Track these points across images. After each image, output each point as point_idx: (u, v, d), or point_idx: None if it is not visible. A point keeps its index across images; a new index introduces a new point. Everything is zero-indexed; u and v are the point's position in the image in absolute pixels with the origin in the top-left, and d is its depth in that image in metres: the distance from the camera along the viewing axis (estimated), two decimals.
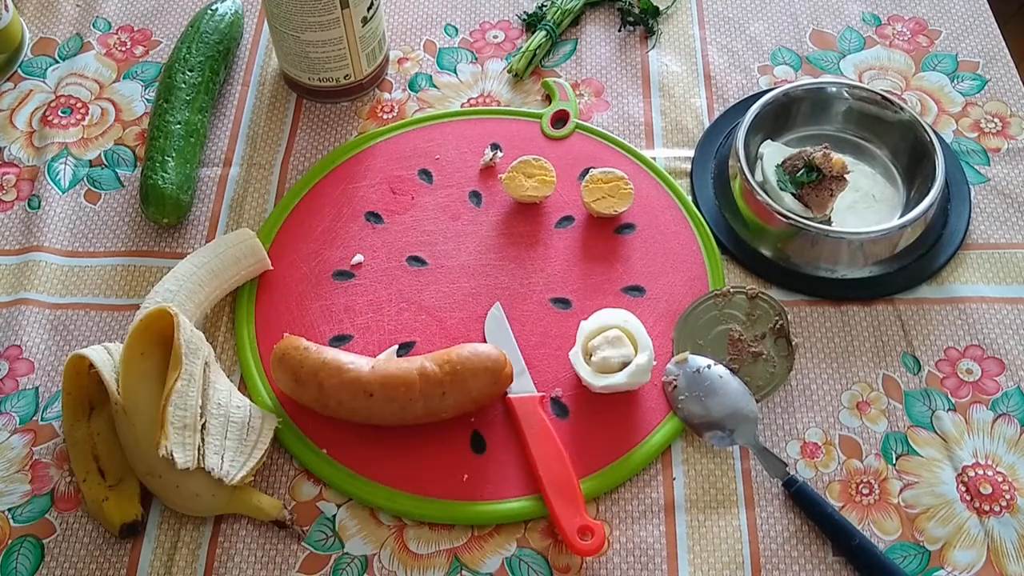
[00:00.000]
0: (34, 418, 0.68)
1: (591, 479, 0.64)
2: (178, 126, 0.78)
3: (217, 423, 0.62)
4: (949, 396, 0.68)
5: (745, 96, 0.83)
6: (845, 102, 0.79)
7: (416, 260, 0.75)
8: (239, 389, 0.68)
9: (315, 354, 0.64)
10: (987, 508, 0.63)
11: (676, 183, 0.78)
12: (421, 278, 0.74)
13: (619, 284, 0.73)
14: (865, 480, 0.65)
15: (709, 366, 0.68)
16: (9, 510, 0.64)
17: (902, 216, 0.74)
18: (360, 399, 0.63)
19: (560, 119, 0.82)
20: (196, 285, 0.68)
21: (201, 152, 0.80)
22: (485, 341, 0.70)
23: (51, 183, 0.80)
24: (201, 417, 0.61)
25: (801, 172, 0.73)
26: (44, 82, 0.86)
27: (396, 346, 0.70)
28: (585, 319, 0.67)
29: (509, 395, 0.67)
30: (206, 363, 0.63)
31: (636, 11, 0.89)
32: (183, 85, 0.80)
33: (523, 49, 0.85)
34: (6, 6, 0.85)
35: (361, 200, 0.78)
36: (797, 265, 0.73)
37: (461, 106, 0.84)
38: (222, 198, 0.79)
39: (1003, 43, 0.86)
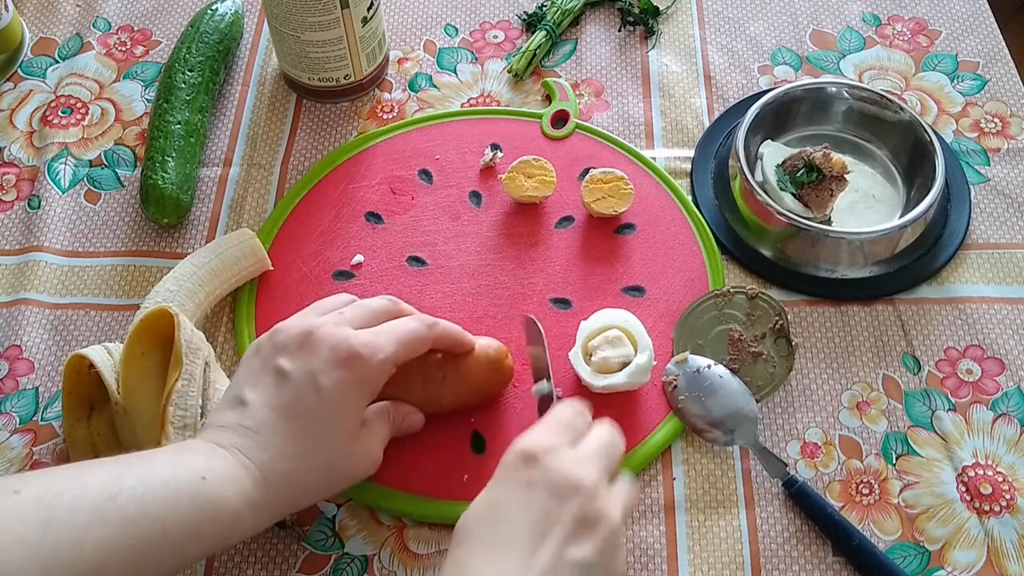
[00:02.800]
0: (34, 418, 0.68)
1: None
2: (178, 126, 0.78)
3: None
4: (949, 396, 0.68)
5: (745, 96, 0.83)
6: (845, 102, 0.79)
7: (416, 260, 0.75)
8: None
9: None
10: (987, 508, 0.63)
11: (676, 183, 0.78)
12: (421, 278, 0.74)
13: (619, 284, 0.73)
14: (865, 480, 0.65)
15: (709, 366, 0.68)
16: None
17: (902, 216, 0.74)
18: None
19: (560, 119, 0.82)
20: (196, 285, 0.68)
21: (201, 152, 0.80)
22: (495, 341, 0.68)
23: (51, 183, 0.80)
24: (201, 417, 0.61)
25: (801, 172, 0.73)
26: (44, 82, 0.86)
27: None
28: (585, 319, 0.67)
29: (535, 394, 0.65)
30: (206, 363, 0.63)
31: (636, 11, 0.89)
32: (183, 85, 0.80)
33: (523, 49, 0.85)
34: (6, 6, 0.85)
35: (361, 200, 0.78)
36: (797, 265, 0.73)
37: (461, 106, 0.84)
38: (222, 198, 0.79)
39: (1003, 43, 0.87)
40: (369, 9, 0.79)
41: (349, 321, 0.57)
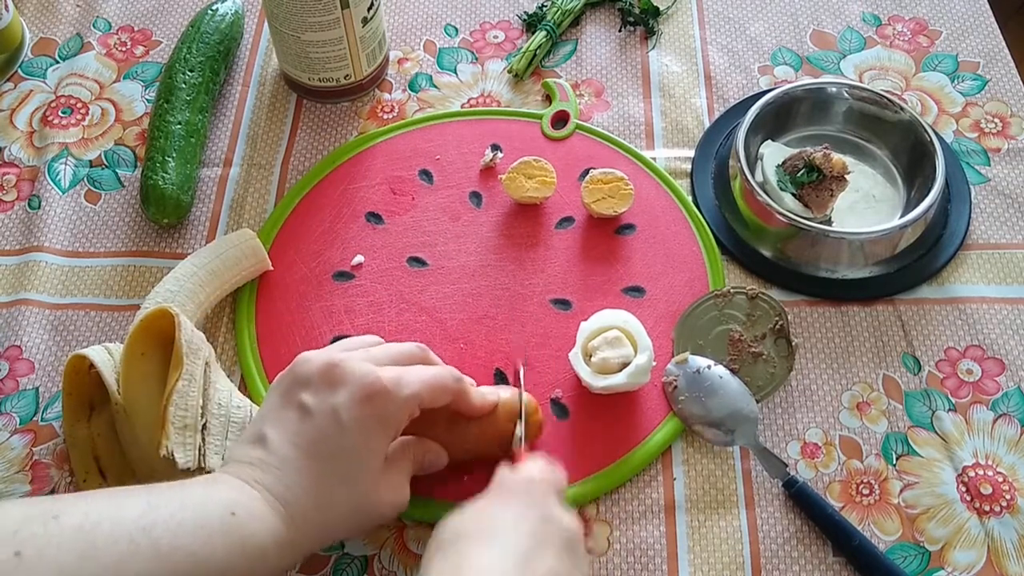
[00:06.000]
0: (34, 418, 0.68)
1: (591, 479, 0.64)
2: (178, 126, 0.78)
3: (218, 423, 0.62)
4: (949, 396, 0.68)
5: (745, 96, 0.83)
6: (845, 102, 0.79)
7: (416, 261, 0.75)
8: (239, 389, 0.68)
9: None
10: (987, 508, 0.63)
11: (676, 183, 0.78)
12: (421, 279, 0.74)
13: (619, 285, 0.73)
14: (865, 480, 0.65)
15: (709, 366, 0.68)
16: None
17: (902, 216, 0.74)
18: None
19: (560, 119, 0.82)
20: (196, 285, 0.68)
21: (201, 152, 0.80)
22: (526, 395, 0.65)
23: (51, 183, 0.80)
24: (202, 417, 0.61)
25: (801, 172, 0.73)
26: (44, 82, 0.86)
27: None
28: (585, 320, 0.67)
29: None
30: (207, 363, 0.63)
31: (636, 11, 0.89)
32: (183, 85, 0.80)
33: (523, 49, 0.85)
34: (6, 6, 0.85)
35: (361, 200, 0.78)
36: (797, 265, 0.73)
37: (461, 106, 0.84)
38: (222, 198, 0.79)
39: (1003, 43, 0.86)
40: (369, 9, 0.79)
41: (375, 359, 0.56)
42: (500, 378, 0.69)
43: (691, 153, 0.80)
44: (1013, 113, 0.82)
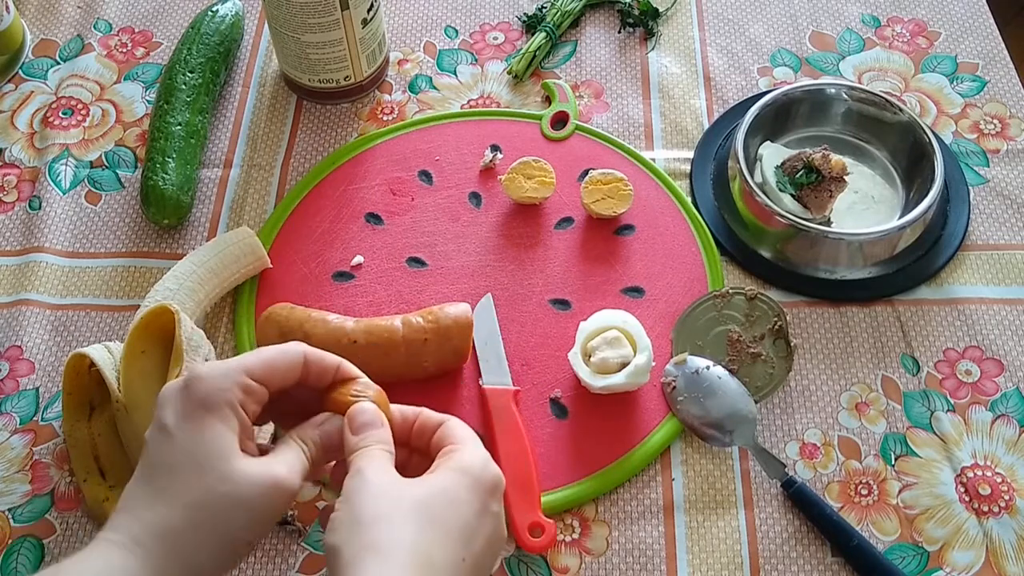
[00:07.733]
0: (34, 418, 0.68)
1: (590, 479, 0.64)
2: (179, 127, 0.78)
3: None
4: (948, 397, 0.68)
5: (745, 97, 0.83)
6: (844, 103, 0.80)
7: (416, 261, 0.75)
8: None
9: (301, 311, 0.67)
10: (986, 509, 0.63)
11: (675, 184, 0.78)
12: (421, 279, 0.74)
13: (618, 285, 0.73)
14: (864, 481, 0.65)
15: (708, 367, 0.68)
16: (9, 510, 0.65)
17: (901, 217, 0.74)
18: (345, 347, 0.64)
19: (560, 120, 0.82)
20: (196, 283, 0.68)
21: (201, 153, 0.80)
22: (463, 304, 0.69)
23: (52, 184, 0.80)
24: None
25: (800, 173, 0.73)
26: (45, 83, 0.87)
27: None
28: (584, 320, 0.67)
29: (484, 385, 0.67)
30: (207, 360, 0.63)
31: (636, 13, 0.89)
32: (183, 86, 0.80)
33: (523, 51, 0.86)
34: (7, 8, 0.86)
35: (361, 201, 0.78)
36: (796, 266, 0.73)
37: (461, 107, 0.84)
38: (222, 199, 0.79)
39: (1002, 44, 0.87)
40: (369, 11, 0.79)
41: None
42: None
43: (690, 154, 0.81)
44: (1012, 114, 0.82)
